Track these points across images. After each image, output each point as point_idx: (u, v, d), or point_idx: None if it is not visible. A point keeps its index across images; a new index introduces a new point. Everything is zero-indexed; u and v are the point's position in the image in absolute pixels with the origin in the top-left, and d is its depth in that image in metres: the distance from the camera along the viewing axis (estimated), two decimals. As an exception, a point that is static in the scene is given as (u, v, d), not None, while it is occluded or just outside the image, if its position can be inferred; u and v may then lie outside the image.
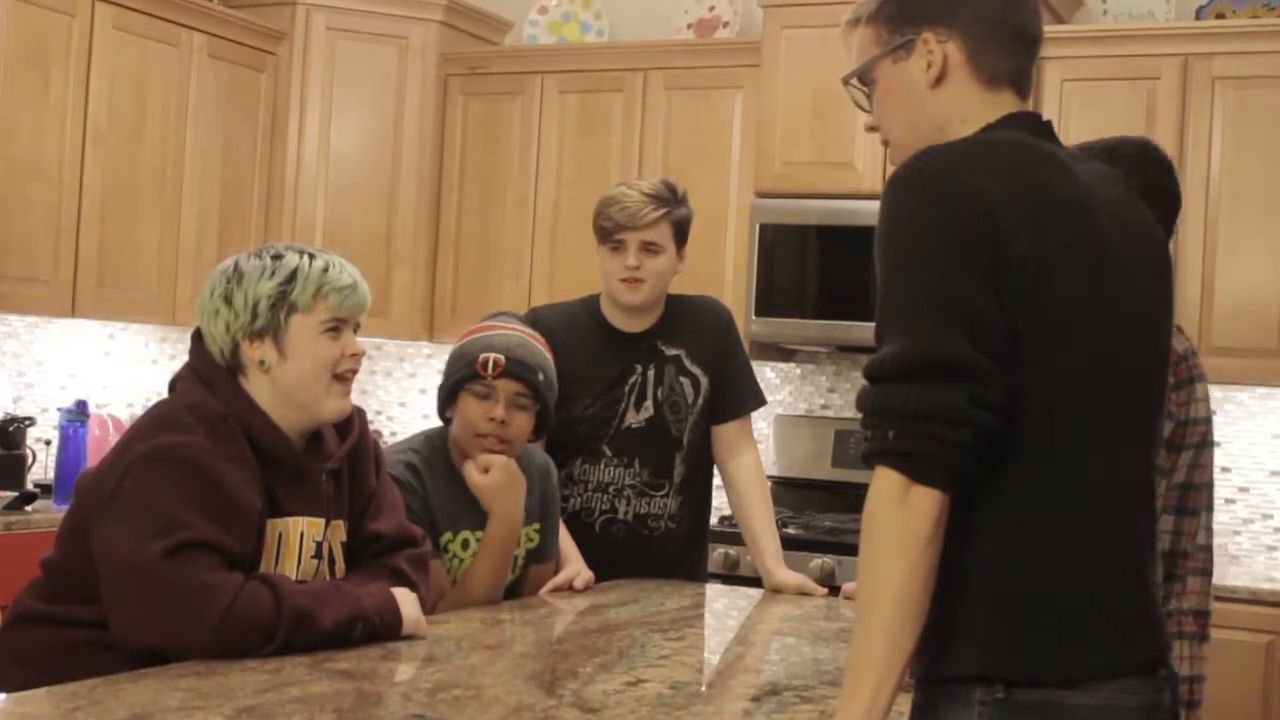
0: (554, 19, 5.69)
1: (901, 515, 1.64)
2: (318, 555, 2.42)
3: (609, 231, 3.29)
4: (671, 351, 3.38)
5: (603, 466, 3.34)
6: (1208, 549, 2.70)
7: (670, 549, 3.39)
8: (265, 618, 2.16)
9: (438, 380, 3.06)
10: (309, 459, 2.43)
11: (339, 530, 2.48)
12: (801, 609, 3.09)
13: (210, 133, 5.13)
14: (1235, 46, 4.54)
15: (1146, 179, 2.68)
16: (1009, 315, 1.68)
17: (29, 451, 4.51)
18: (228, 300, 2.39)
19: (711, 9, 5.45)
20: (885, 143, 1.95)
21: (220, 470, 2.24)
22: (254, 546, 2.28)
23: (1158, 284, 1.88)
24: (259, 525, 2.29)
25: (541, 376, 2.98)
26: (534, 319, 3.30)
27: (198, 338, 2.44)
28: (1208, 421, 2.67)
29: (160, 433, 2.27)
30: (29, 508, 4.29)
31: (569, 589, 3.08)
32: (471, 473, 2.91)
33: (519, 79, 5.47)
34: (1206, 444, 2.66)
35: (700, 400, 3.38)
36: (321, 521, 2.43)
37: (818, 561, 4.45)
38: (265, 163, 5.38)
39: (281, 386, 2.39)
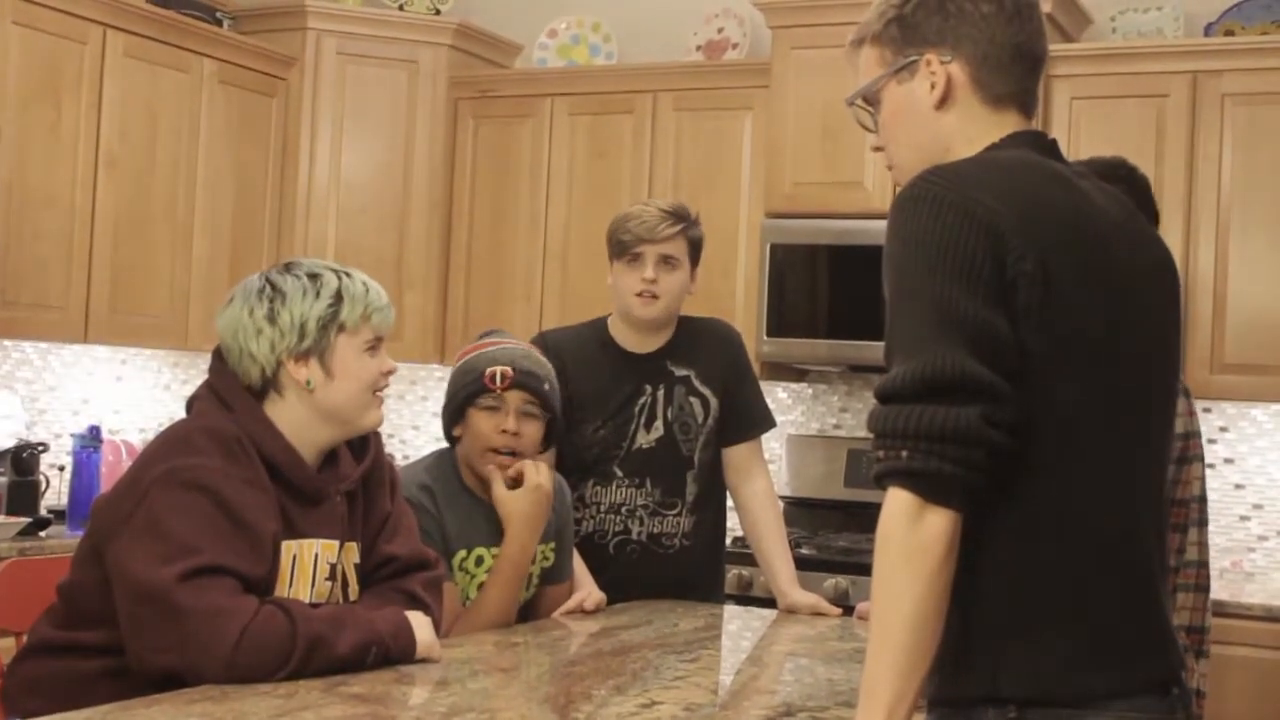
0: (563, 42, 5.70)
1: (915, 535, 1.63)
2: (331, 577, 2.42)
3: (627, 245, 3.29)
4: (681, 372, 3.38)
5: (614, 488, 3.34)
6: (1203, 565, 2.68)
7: (685, 568, 3.38)
8: (280, 642, 2.16)
9: (447, 402, 3.07)
10: (324, 481, 2.43)
11: (352, 552, 2.48)
12: (815, 629, 3.08)
13: (221, 158, 5.15)
14: (1245, 63, 4.54)
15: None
16: (1019, 333, 1.68)
17: (42, 477, 4.51)
18: (272, 320, 2.38)
19: (720, 31, 5.46)
20: (890, 166, 1.96)
21: (236, 494, 2.24)
22: (269, 570, 2.28)
23: (1166, 301, 1.88)
24: (273, 548, 2.29)
25: (548, 386, 3.01)
26: (542, 343, 3.32)
27: (219, 356, 2.44)
28: (1187, 437, 2.65)
29: (175, 456, 2.27)
30: (43, 533, 4.30)
31: (580, 611, 3.08)
32: (499, 485, 2.93)
33: (529, 102, 5.48)
34: (1189, 459, 2.64)
35: (710, 421, 3.38)
36: (335, 544, 2.43)
37: (831, 581, 4.44)
38: (276, 187, 5.40)
39: (324, 406, 2.40)
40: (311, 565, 2.38)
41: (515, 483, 2.95)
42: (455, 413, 3.00)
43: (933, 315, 1.67)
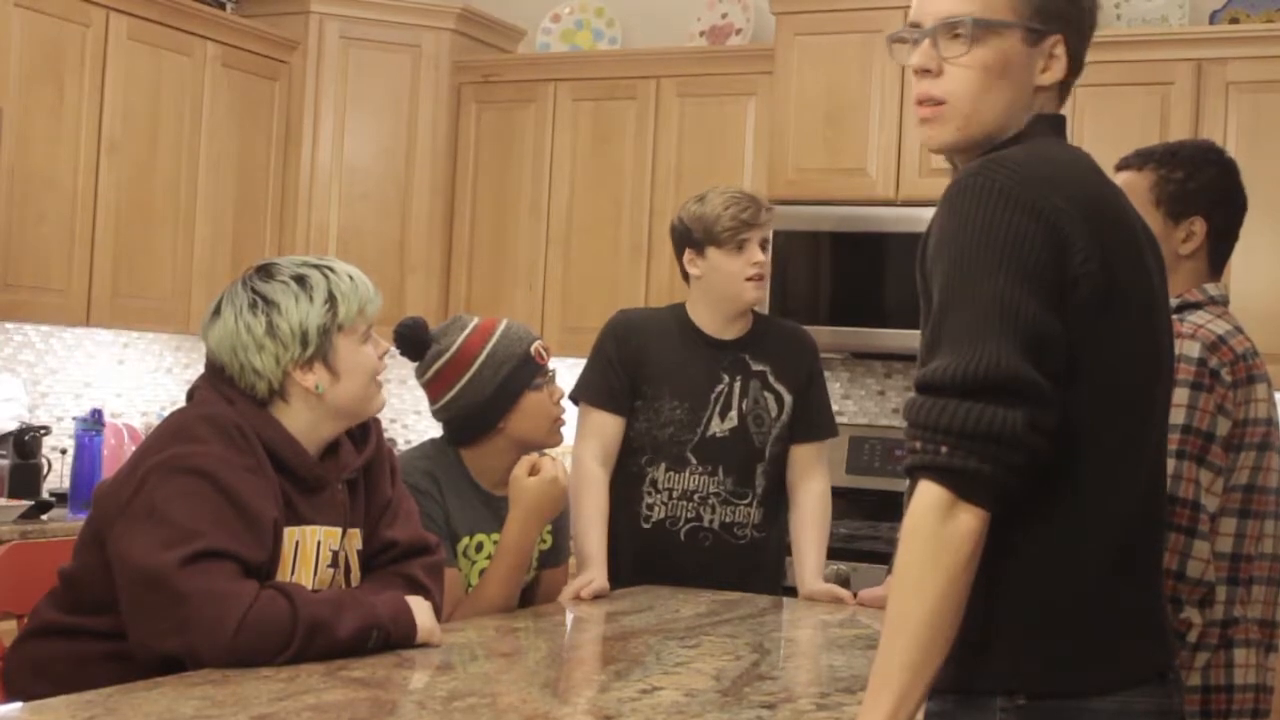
0: (567, 27, 5.70)
1: (944, 532, 1.62)
2: (334, 564, 2.42)
3: (736, 231, 3.32)
4: (758, 367, 3.42)
5: (687, 474, 3.36)
6: (1276, 558, 2.64)
7: (754, 558, 3.41)
8: (281, 626, 2.16)
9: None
10: (325, 469, 2.43)
11: (355, 538, 2.48)
12: (817, 616, 3.08)
13: (224, 142, 5.14)
14: (1249, 51, 4.53)
15: (1205, 181, 2.68)
16: (1071, 337, 1.66)
17: (44, 460, 4.51)
18: (272, 333, 2.36)
19: (724, 16, 5.45)
20: (939, 101, 1.81)
21: (236, 480, 2.24)
22: (270, 555, 2.28)
23: (1166, 292, 1.88)
24: (275, 534, 2.29)
25: None
26: (624, 320, 3.43)
27: (214, 369, 2.43)
28: (1269, 424, 2.62)
29: (176, 443, 2.27)
30: (44, 516, 4.31)
31: (576, 598, 3.07)
32: (522, 468, 2.93)
33: (532, 87, 5.48)
34: (1270, 446, 2.62)
35: (784, 417, 3.42)
36: (338, 531, 2.43)
37: (832, 568, 4.43)
38: (279, 171, 5.39)
39: (333, 405, 2.40)
40: (314, 552, 2.38)
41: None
42: (510, 400, 2.99)
43: (991, 311, 1.63)
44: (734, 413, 3.38)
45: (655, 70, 5.28)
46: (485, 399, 2.99)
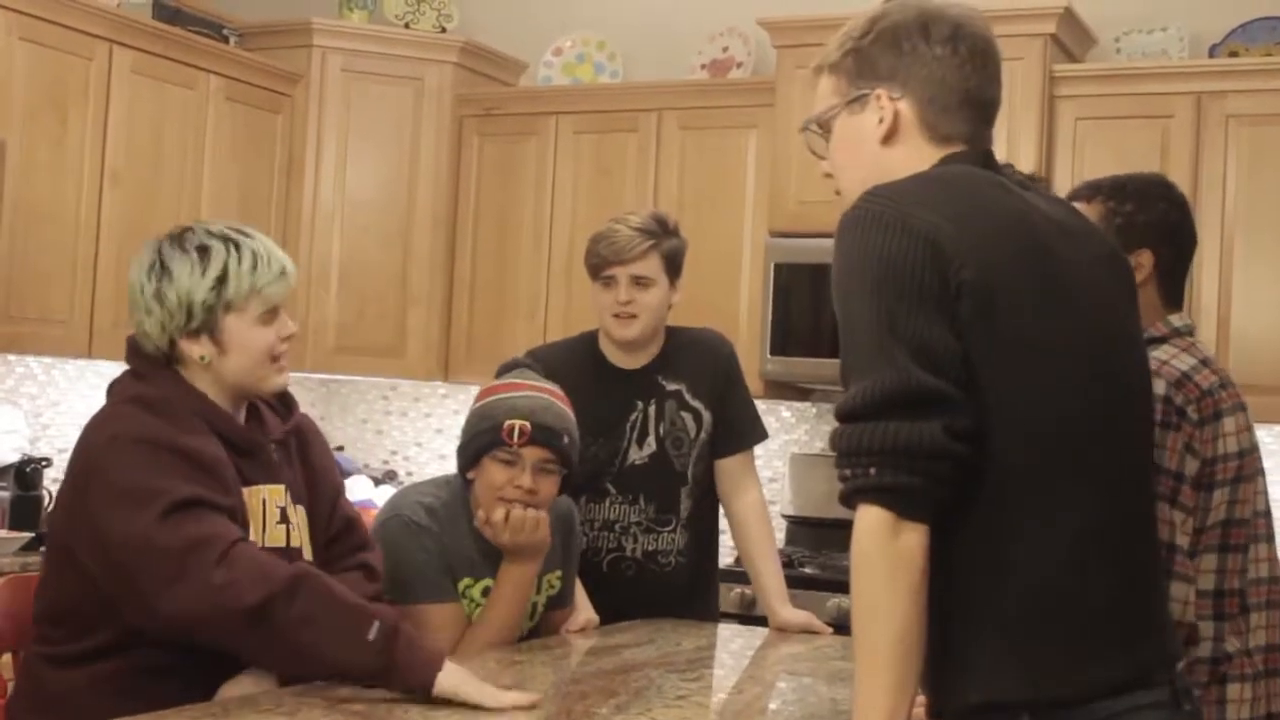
0: (568, 60, 5.72)
1: (894, 552, 1.66)
2: (283, 520, 2.42)
3: (598, 267, 3.30)
4: (672, 387, 3.36)
5: (608, 504, 3.32)
6: (1275, 581, 2.61)
7: (681, 585, 3.36)
8: (265, 562, 2.19)
9: (453, 420, 3.05)
10: (254, 431, 2.45)
11: (298, 513, 2.48)
12: (817, 648, 3.08)
13: (227, 175, 5.16)
14: (1249, 84, 4.54)
15: (1154, 215, 2.66)
16: (966, 344, 1.70)
17: (45, 493, 4.51)
18: (160, 300, 2.37)
19: (725, 49, 5.47)
20: (837, 191, 2.00)
21: (184, 439, 2.27)
22: (239, 501, 2.30)
23: (1116, 292, 1.89)
24: (237, 481, 2.31)
25: (566, 440, 2.89)
26: (532, 362, 3.28)
27: (132, 343, 2.44)
28: (1241, 456, 2.59)
29: (111, 428, 2.29)
30: (44, 548, 4.29)
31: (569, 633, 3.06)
32: (484, 529, 2.87)
33: (534, 120, 5.49)
34: (1244, 478, 2.59)
35: (703, 435, 3.36)
36: (282, 488, 2.43)
37: (834, 601, 4.43)
38: (282, 204, 5.41)
39: (221, 376, 2.40)
40: (261, 510, 2.38)
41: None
42: (472, 458, 2.89)
43: (881, 332, 1.70)
44: (651, 438, 3.32)
45: (656, 103, 5.30)
46: (461, 445, 2.95)
